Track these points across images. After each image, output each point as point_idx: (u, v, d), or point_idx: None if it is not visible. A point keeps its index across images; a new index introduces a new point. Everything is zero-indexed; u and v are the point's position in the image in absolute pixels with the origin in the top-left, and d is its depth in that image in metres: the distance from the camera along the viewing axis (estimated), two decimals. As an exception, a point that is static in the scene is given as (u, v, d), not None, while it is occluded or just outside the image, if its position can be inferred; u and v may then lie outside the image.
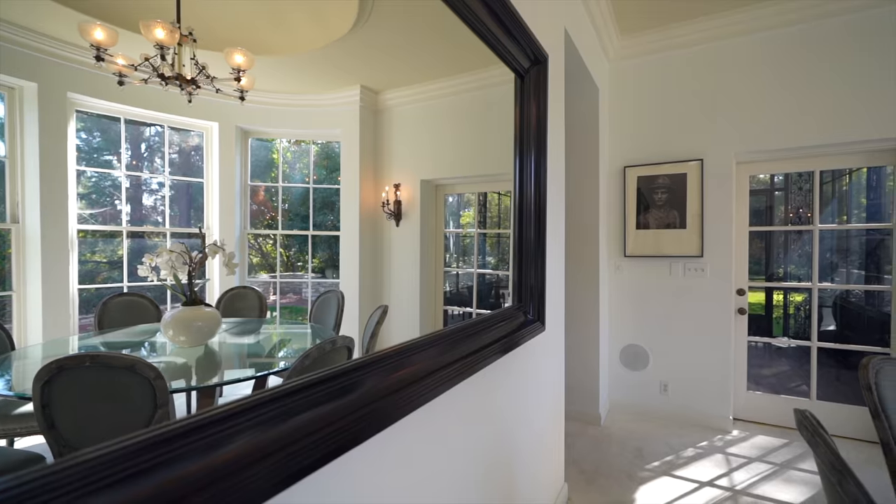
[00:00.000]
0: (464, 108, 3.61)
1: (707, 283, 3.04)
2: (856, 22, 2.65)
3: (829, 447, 0.96)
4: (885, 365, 1.53)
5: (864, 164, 2.89)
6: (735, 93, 2.95)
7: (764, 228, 3.38)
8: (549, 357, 1.94)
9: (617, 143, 3.31)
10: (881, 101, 2.60)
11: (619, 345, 3.33)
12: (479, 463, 1.35)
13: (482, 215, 4.14)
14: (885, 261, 2.88)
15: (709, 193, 3.01)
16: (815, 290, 3.03)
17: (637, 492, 2.27)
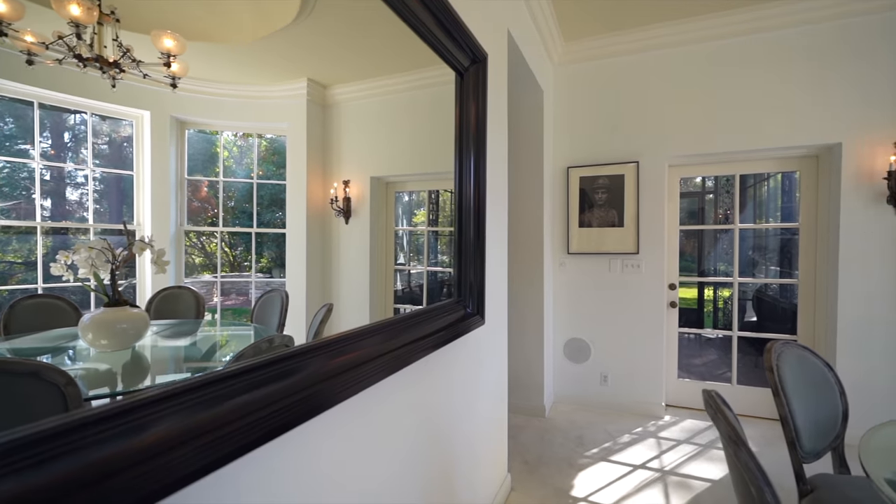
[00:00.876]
0: (415, 104, 3.60)
1: (642, 278, 3.23)
2: (770, 41, 2.91)
3: (727, 422, 1.05)
4: (786, 349, 1.70)
5: (776, 169, 3.18)
6: (666, 100, 3.15)
7: (692, 227, 3.64)
8: (490, 350, 1.99)
9: (561, 145, 3.45)
10: (790, 113, 2.88)
11: (564, 338, 3.47)
12: (418, 450, 1.36)
13: (434, 213, 4.16)
14: (796, 257, 3.19)
15: (644, 194, 3.20)
16: (736, 284, 3.30)
17: (576, 478, 2.38)
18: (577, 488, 2.28)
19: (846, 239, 2.76)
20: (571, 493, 2.25)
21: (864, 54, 2.71)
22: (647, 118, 3.20)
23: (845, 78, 2.75)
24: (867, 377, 2.72)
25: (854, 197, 2.75)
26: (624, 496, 2.23)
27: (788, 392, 1.59)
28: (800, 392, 1.64)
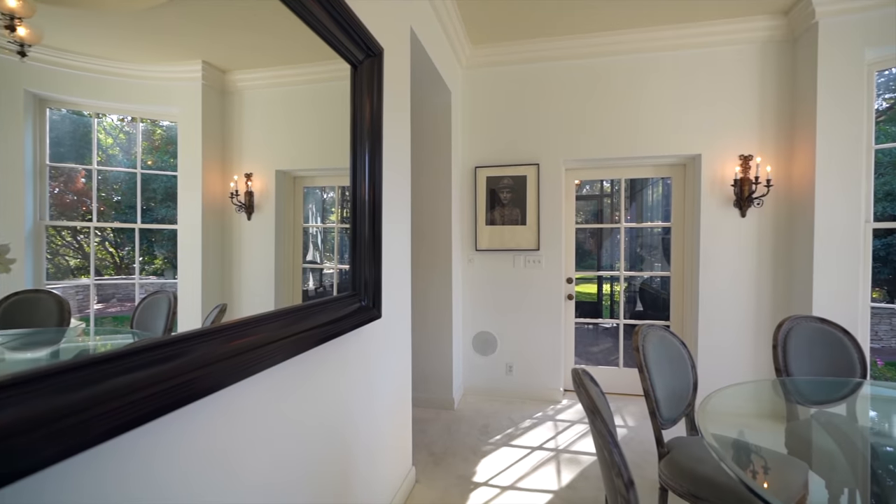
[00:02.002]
0: (324, 96, 3.50)
1: (543, 273, 3.46)
2: (651, 60, 3.28)
3: (588, 395, 1.17)
4: (650, 331, 1.93)
5: (654, 175, 3.60)
6: (563, 108, 3.41)
7: (586, 226, 3.98)
8: (390, 344, 2.00)
9: (470, 145, 3.57)
10: (665, 126, 3.27)
11: (472, 332, 3.60)
12: (311, 445, 1.33)
13: (345, 210, 4.07)
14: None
15: (544, 194, 3.44)
16: (622, 277, 3.67)
17: (479, 464, 2.48)
18: (480, 474, 2.38)
19: (705, 236, 3.21)
20: (474, 479, 2.34)
21: (722, 79, 3.17)
22: (547, 123, 3.44)
23: (706, 98, 3.20)
24: (719, 354, 3.18)
25: (710, 201, 3.20)
26: (522, 476, 2.37)
27: (651, 368, 1.81)
28: (661, 368, 1.88)
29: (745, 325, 3.16)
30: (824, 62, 2.80)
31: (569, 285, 3.63)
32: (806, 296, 2.88)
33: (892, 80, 9.42)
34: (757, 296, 3.15)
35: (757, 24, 3.06)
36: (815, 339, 2.11)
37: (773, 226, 3.12)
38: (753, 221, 3.14)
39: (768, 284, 3.14)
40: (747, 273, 3.17)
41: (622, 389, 3.56)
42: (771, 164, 3.08)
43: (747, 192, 3.07)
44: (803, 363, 2.08)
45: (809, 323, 2.14)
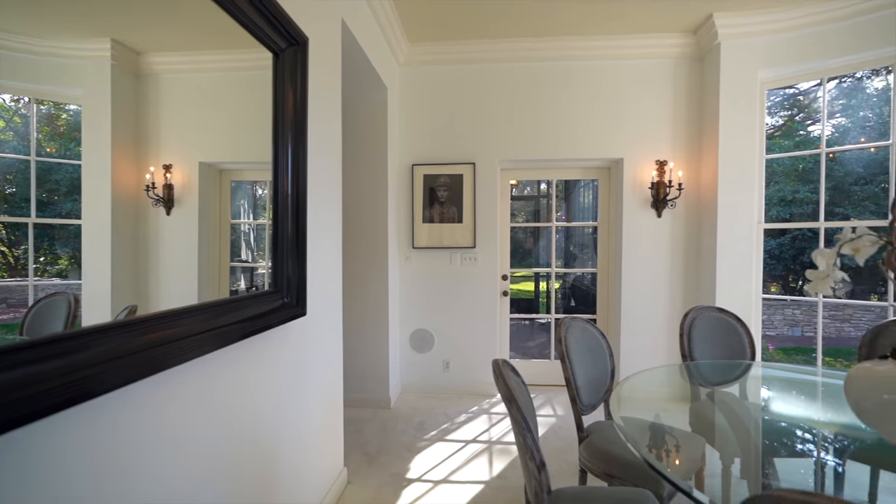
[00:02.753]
0: (253, 85, 3.33)
1: (479, 270, 3.54)
2: (582, 68, 3.47)
3: (505, 384, 1.21)
4: (572, 323, 2.03)
5: (583, 176, 3.80)
6: (498, 109, 3.51)
7: (520, 225, 4.12)
8: (317, 343, 1.94)
9: (407, 142, 3.56)
10: (592, 131, 3.47)
11: (410, 330, 3.60)
12: (228, 449, 1.26)
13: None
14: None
15: (480, 193, 3.51)
16: (553, 274, 3.84)
17: (413, 461, 2.48)
18: (414, 470, 2.39)
19: (626, 235, 3.45)
20: (407, 475, 2.34)
21: (642, 89, 3.42)
22: (483, 124, 3.52)
23: (629, 106, 3.44)
24: (640, 343, 3.44)
25: (631, 202, 3.45)
26: (455, 469, 2.41)
27: (573, 358, 1.91)
28: (582, 357, 1.99)
29: (661, 316, 3.44)
30: (725, 79, 3.12)
31: (504, 282, 3.75)
32: (711, 288, 3.19)
33: (787, 99, 10.64)
34: (670, 289, 3.44)
35: (671, 41, 3.34)
36: (714, 326, 2.35)
37: (685, 225, 3.42)
38: (668, 221, 3.42)
39: (680, 278, 3.44)
40: (663, 268, 3.45)
41: (554, 381, 3.73)
42: (682, 170, 3.38)
43: (663, 194, 3.35)
44: (705, 349, 2.30)
45: (710, 312, 2.37)
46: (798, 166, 9.39)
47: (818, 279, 1.36)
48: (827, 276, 1.35)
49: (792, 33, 2.99)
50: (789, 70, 3.07)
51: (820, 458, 1.39)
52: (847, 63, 2.92)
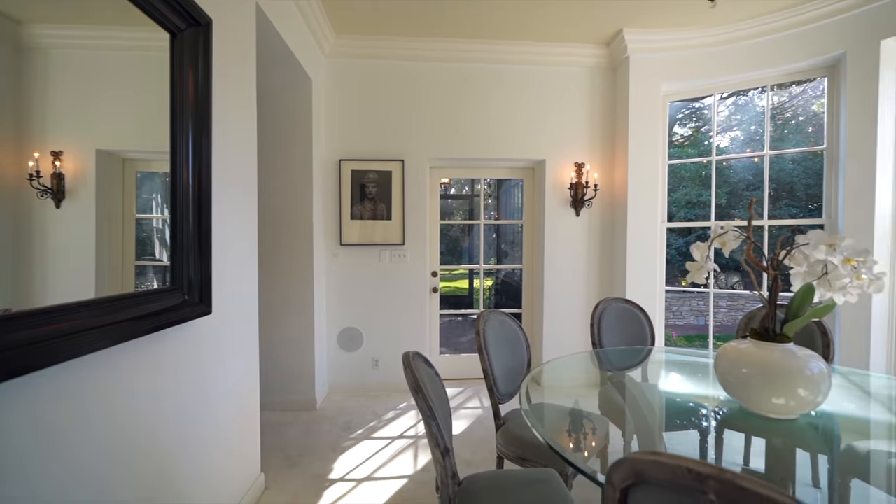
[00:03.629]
0: (162, 67, 3.07)
1: (408, 267, 3.55)
2: (511, 72, 3.59)
3: (413, 375, 1.23)
4: (491, 316, 2.11)
5: (509, 176, 3.95)
6: (427, 107, 3.54)
7: (450, 222, 4.19)
8: (228, 343, 1.85)
9: (334, 137, 3.47)
10: (518, 132, 3.61)
11: (337, 328, 3.52)
12: (118, 454, 1.15)
13: (193, 200, 3.63)
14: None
15: (409, 190, 3.52)
16: (482, 271, 3.95)
17: (337, 461, 2.44)
18: (337, 470, 2.35)
19: (548, 233, 3.64)
20: (330, 476, 2.29)
21: (563, 94, 3.62)
22: (413, 121, 3.53)
23: (551, 110, 3.62)
24: (560, 333, 3.64)
25: (553, 201, 3.64)
26: (380, 465, 2.40)
27: (490, 350, 1.98)
28: (500, 348, 2.07)
29: (580, 307, 3.67)
30: (633, 90, 3.39)
31: (434, 279, 3.79)
32: (622, 281, 3.46)
33: (694, 112, 11.77)
34: (588, 282, 3.68)
35: (589, 51, 3.56)
36: (621, 316, 2.55)
37: (600, 224, 3.68)
38: (585, 220, 3.66)
39: (596, 272, 3.69)
40: (581, 263, 3.68)
41: (482, 374, 3.84)
42: (598, 172, 3.63)
43: (581, 194, 3.57)
44: (613, 336, 2.49)
45: (617, 303, 2.57)
46: (701, 173, 10.46)
47: (695, 270, 1.53)
48: (702, 266, 1.53)
49: (689, 52, 3.32)
50: (687, 85, 3.41)
51: (704, 428, 1.56)
52: (732, 81, 3.31)
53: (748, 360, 1.36)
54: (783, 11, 2.96)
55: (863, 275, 1.22)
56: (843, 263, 1.23)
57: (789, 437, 1.33)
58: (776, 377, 1.31)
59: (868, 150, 2.72)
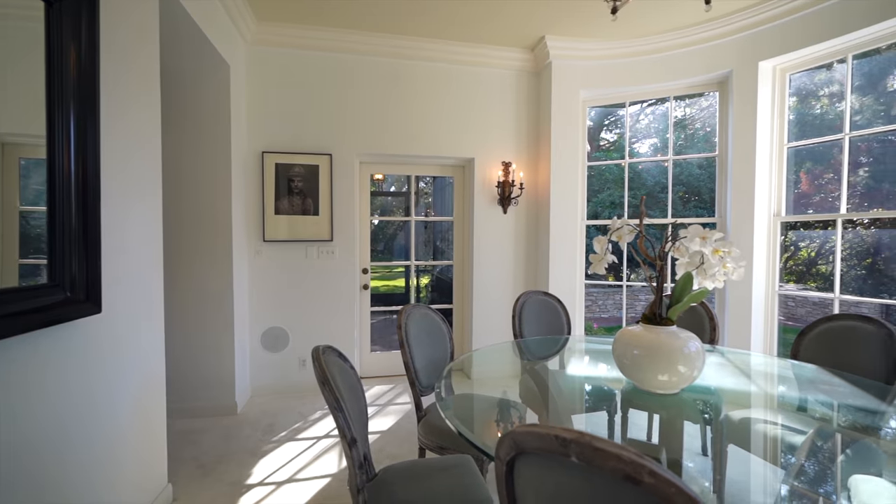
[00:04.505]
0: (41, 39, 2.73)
1: (337, 264, 3.48)
2: (441, 70, 3.62)
3: (320, 368, 1.22)
4: (413, 310, 2.13)
5: (440, 173, 4.00)
6: (357, 101, 3.48)
7: (384, 218, 4.16)
8: (124, 345, 1.70)
9: (257, 128, 3.31)
10: (449, 130, 3.66)
11: (261, 329, 3.37)
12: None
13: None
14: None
15: (338, 185, 3.45)
16: (413, 267, 3.97)
17: (256, 466, 2.34)
18: (256, 475, 2.25)
19: (477, 230, 3.74)
20: (248, 481, 2.19)
21: (491, 95, 3.73)
22: (341, 115, 3.45)
23: (480, 110, 3.72)
24: (489, 326, 3.76)
25: (481, 199, 3.75)
26: (303, 466, 2.33)
27: (412, 343, 2.00)
28: (422, 342, 2.10)
29: (507, 300, 3.81)
30: (555, 95, 3.58)
31: (365, 276, 3.74)
32: (545, 276, 3.64)
33: (620, 119, 12.60)
34: (515, 277, 3.83)
35: (515, 55, 3.70)
36: (541, 308, 2.69)
37: (526, 221, 3.84)
38: (512, 217, 3.81)
39: (522, 267, 3.86)
40: (508, 259, 3.82)
41: (414, 370, 3.86)
42: (524, 171, 3.79)
43: (507, 192, 3.71)
44: (532, 327, 2.62)
45: (537, 296, 2.71)
46: (622, 176, 11.30)
47: (596, 261, 1.66)
48: (602, 258, 1.66)
49: (606, 61, 3.56)
50: (604, 92, 3.67)
51: (609, 408, 1.68)
52: (643, 91, 3.61)
53: (638, 343, 1.50)
54: (685, 29, 3.27)
55: (727, 263, 1.39)
56: (713, 254, 1.39)
57: (674, 409, 1.48)
58: (661, 356, 1.46)
59: (749, 156, 3.09)
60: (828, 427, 1.41)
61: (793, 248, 7.76)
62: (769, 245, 3.13)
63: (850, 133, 2.85)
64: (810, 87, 5.49)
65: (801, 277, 7.48)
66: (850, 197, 5.65)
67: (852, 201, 6.34)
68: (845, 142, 2.87)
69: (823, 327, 1.98)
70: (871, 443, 1.28)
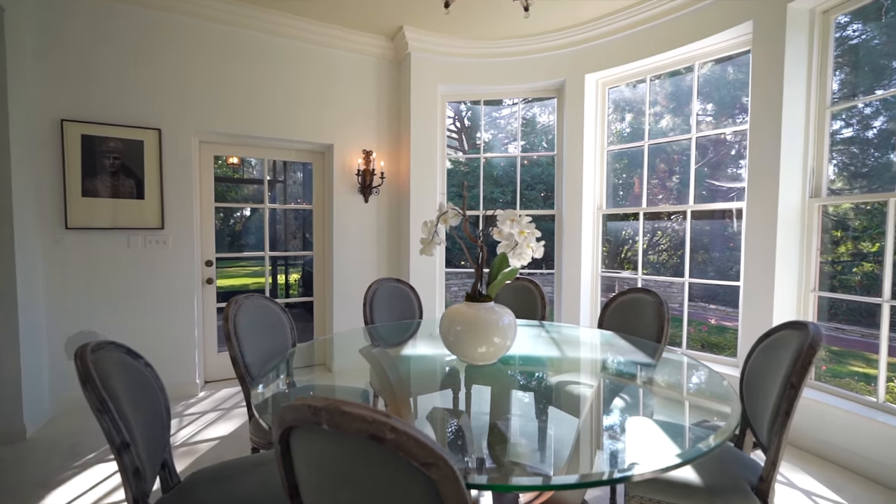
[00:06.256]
0: None
1: (171, 255, 3.05)
2: (300, 49, 3.38)
3: (82, 364, 1.04)
4: (246, 301, 1.96)
5: (298, 159, 3.77)
6: (196, 72, 3.08)
7: (226, 205, 3.81)
8: None
9: (53, 89, 2.71)
10: (307, 114, 3.46)
11: (66, 334, 2.79)
12: None
13: None
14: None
15: (170, 166, 3.01)
16: (267, 258, 3.69)
17: (46, 498, 1.93)
18: (44, 509, 1.86)
19: (337, 218, 3.63)
20: (30, 519, 1.80)
21: (352, 80, 3.62)
22: (175, 85, 3.02)
23: (340, 94, 3.59)
24: (350, 315, 3.69)
25: (341, 187, 3.65)
26: (111, 490, 2.00)
27: (241, 336, 1.84)
28: (257, 334, 1.95)
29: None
30: (415, 86, 3.64)
31: (209, 268, 3.36)
32: (406, 265, 3.70)
33: (499, 119, 13.38)
34: (377, 267, 3.83)
35: (376, 41, 3.66)
36: (393, 294, 2.72)
37: (388, 211, 3.85)
38: (374, 206, 3.78)
39: (385, 257, 3.86)
40: (371, 248, 3.79)
41: (270, 368, 3.60)
42: (385, 160, 3.79)
43: (369, 181, 3.66)
44: (385, 313, 2.64)
45: (389, 283, 2.73)
46: (493, 173, 12.11)
47: (425, 244, 1.72)
48: (430, 241, 1.72)
49: (463, 59, 3.73)
50: (461, 89, 3.84)
51: (450, 385, 1.74)
52: (496, 91, 3.87)
53: (461, 319, 1.60)
54: (530, 37, 3.57)
55: (531, 243, 1.56)
56: (518, 234, 1.55)
57: (490, 377, 1.61)
58: (479, 330, 1.57)
59: (578, 156, 3.54)
60: (613, 380, 1.68)
61: (630, 239, 9.15)
62: (594, 234, 3.64)
63: (648, 141, 3.45)
64: (637, 99, 6.51)
65: (623, 264, 8.79)
66: (667, 196, 6.82)
67: (658, 198, 7.73)
68: (645, 148, 3.47)
69: (619, 300, 2.36)
70: (645, 389, 1.57)
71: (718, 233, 7.17)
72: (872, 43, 2.85)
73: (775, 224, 2.53)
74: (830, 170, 2.55)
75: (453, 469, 0.65)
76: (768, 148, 2.57)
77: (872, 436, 2.14)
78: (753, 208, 2.66)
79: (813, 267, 2.58)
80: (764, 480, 1.25)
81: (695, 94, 3.19)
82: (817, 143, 2.56)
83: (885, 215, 2.27)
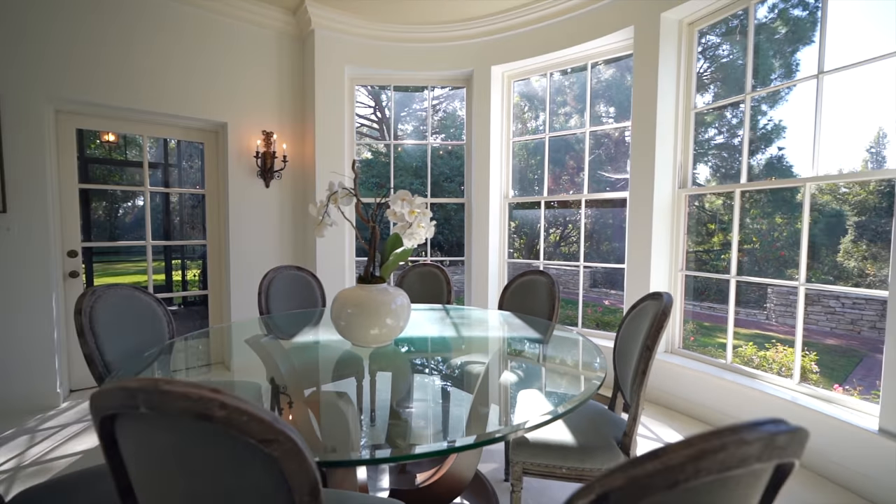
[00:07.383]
0: None
1: (17, 245, 2.58)
2: (191, 15, 3.01)
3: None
4: (109, 291, 1.71)
5: (185, 137, 3.40)
6: (52, 23, 2.61)
7: (93, 186, 3.36)
8: None
9: None
10: (196, 87, 3.12)
11: None
12: None
13: None
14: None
15: (11, 139, 2.54)
16: (150, 247, 3.28)
17: None
18: None
19: (234, 204, 3.35)
20: None
21: (248, 55, 3.33)
22: (17, 41, 2.54)
23: (234, 69, 3.29)
24: (249, 304, 3.44)
25: (238, 170, 3.36)
26: (-69, 527, 1.64)
27: (99, 331, 1.61)
28: (124, 328, 1.72)
29: (273, 284, 3.55)
30: (319, 66, 3.46)
31: (73, 260, 2.91)
32: (313, 254, 3.53)
33: (420, 110, 13.26)
34: (280, 255, 3.60)
35: (276, 14, 3.41)
36: (292, 283, 2.57)
37: (292, 196, 3.64)
38: (276, 191, 3.54)
39: (290, 246, 3.65)
40: (274, 236, 3.56)
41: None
42: (288, 143, 3.56)
43: (269, 164, 3.42)
44: (283, 302, 2.49)
45: (288, 271, 2.58)
46: (413, 164, 12.09)
47: (315, 225, 1.64)
48: (321, 221, 1.65)
49: (372, 42, 3.62)
50: (370, 72, 3.73)
51: (354, 374, 1.67)
52: (406, 77, 3.82)
53: (353, 301, 1.55)
54: (441, 25, 3.55)
55: (421, 223, 1.55)
56: (410, 214, 1.53)
57: (384, 360, 1.59)
58: (372, 312, 1.54)
59: (484, 146, 3.64)
60: (506, 356, 1.74)
61: (552, 228, 9.63)
62: (501, 221, 3.78)
63: (549, 133, 3.65)
64: (546, 96, 6.85)
65: (539, 255, 9.32)
66: (577, 189, 7.27)
67: (570, 192, 8.28)
68: (546, 140, 3.67)
69: (517, 282, 2.47)
70: (533, 364, 1.64)
71: (619, 223, 7.83)
72: (737, 63, 3.29)
73: (651, 211, 2.82)
74: (707, 171, 2.92)
75: (295, 443, 0.61)
76: (646, 144, 2.85)
77: (720, 391, 2.49)
78: (635, 197, 2.93)
79: (681, 249, 2.92)
80: (627, 435, 1.38)
81: (588, 91, 3.44)
82: (684, 141, 2.89)
83: (732, 204, 2.64)
